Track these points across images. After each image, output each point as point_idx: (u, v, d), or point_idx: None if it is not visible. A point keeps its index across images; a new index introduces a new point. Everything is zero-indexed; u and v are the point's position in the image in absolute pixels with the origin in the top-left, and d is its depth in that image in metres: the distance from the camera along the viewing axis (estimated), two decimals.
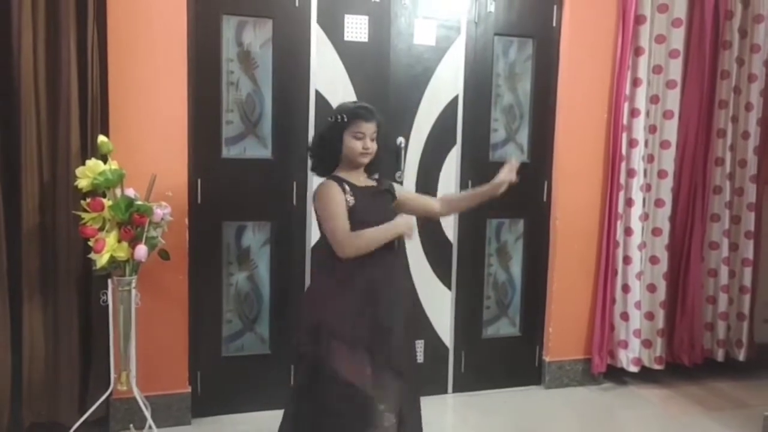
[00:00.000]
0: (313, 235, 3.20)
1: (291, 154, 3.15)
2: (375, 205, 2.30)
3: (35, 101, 2.65)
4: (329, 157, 2.34)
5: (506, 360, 3.60)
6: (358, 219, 2.23)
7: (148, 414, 2.72)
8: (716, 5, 3.55)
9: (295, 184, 3.16)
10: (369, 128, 2.28)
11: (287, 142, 3.14)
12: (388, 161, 3.22)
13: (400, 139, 3.24)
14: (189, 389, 3.05)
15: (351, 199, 2.25)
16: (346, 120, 2.28)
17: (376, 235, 2.22)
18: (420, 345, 3.36)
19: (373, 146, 2.29)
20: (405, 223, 2.26)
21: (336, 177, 2.31)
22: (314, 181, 3.15)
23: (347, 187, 2.27)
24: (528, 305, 3.63)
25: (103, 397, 2.72)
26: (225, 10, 3.01)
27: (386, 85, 3.23)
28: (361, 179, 2.34)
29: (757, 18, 3.65)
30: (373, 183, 2.38)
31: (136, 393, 2.69)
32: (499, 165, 2.49)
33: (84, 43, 2.69)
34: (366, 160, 2.31)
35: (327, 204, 2.24)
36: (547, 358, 3.62)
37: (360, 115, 2.28)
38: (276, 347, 3.23)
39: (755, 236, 3.79)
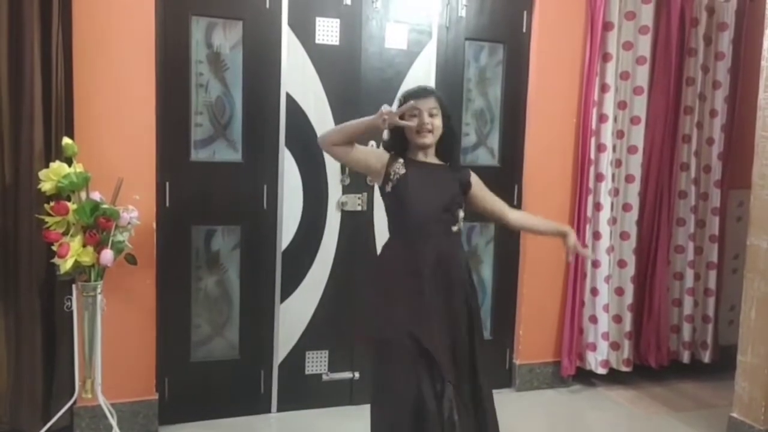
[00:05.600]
0: (284, 239, 3.17)
1: (261, 157, 3.12)
2: (428, 179, 2.27)
3: None
4: (396, 141, 2.32)
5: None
6: (404, 188, 2.23)
7: (113, 422, 2.67)
8: (682, 13, 3.62)
9: (265, 187, 3.13)
10: (423, 104, 2.23)
11: (258, 145, 3.11)
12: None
13: (372, 144, 3.23)
14: (156, 396, 2.99)
15: (401, 168, 2.25)
16: (402, 102, 2.24)
17: (349, 123, 2.26)
18: None
19: (433, 121, 2.24)
20: (378, 114, 2.15)
21: (399, 153, 2.31)
22: (285, 184, 3.15)
23: (401, 160, 2.28)
24: (499, 309, 3.65)
25: (67, 405, 2.66)
26: (194, 11, 2.97)
27: (358, 88, 3.22)
28: (427, 158, 2.31)
29: (722, 26, 3.74)
30: (441, 164, 2.34)
31: (102, 400, 2.64)
32: (470, 169, 2.49)
33: (48, 42, 2.63)
34: (426, 139, 2.26)
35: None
36: (517, 361, 3.64)
37: (411, 93, 2.26)
38: (245, 353, 3.19)
39: (719, 240, 3.87)
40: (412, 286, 2.23)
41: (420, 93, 2.27)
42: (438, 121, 2.26)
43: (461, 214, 2.35)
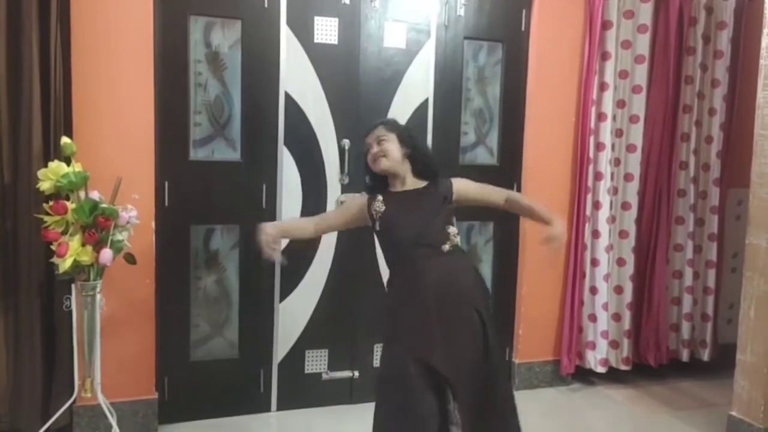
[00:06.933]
0: (282, 239, 3.17)
1: (260, 157, 3.12)
2: (408, 208, 2.30)
3: None
4: (375, 180, 2.41)
5: None
6: (387, 222, 2.30)
7: (113, 421, 2.67)
8: (681, 12, 3.62)
9: (264, 186, 3.13)
10: (371, 137, 2.35)
11: (256, 144, 3.11)
12: (358, 163, 3.23)
13: (345, 141, 3.23)
14: (156, 395, 3.00)
15: (381, 206, 2.31)
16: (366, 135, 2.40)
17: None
18: None
19: (383, 147, 2.30)
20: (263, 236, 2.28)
21: (378, 192, 2.38)
22: (284, 183, 3.16)
23: (380, 197, 2.33)
24: (498, 308, 3.63)
25: (67, 405, 2.66)
26: (192, 10, 2.97)
27: (356, 87, 3.22)
28: (405, 185, 2.35)
29: (720, 24, 3.74)
30: (420, 186, 2.36)
31: (101, 400, 2.64)
32: (469, 168, 2.49)
33: (47, 42, 2.63)
34: (380, 165, 2.32)
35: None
36: (516, 360, 3.64)
37: (365, 134, 2.39)
38: (245, 352, 3.19)
39: (718, 238, 3.87)
40: (417, 312, 2.22)
41: (368, 130, 2.39)
42: (388, 145, 2.31)
43: (452, 230, 2.30)
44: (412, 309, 2.23)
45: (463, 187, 2.39)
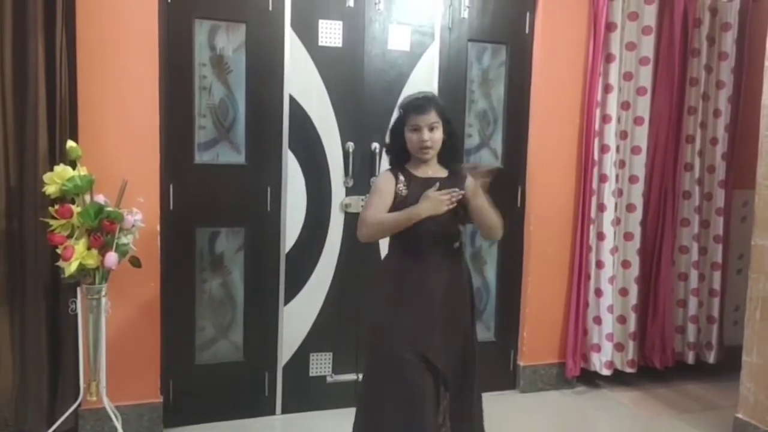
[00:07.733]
0: (288, 241, 3.18)
1: (265, 160, 3.12)
2: None
3: (1, 104, 2.60)
4: (397, 151, 2.31)
5: (481, 364, 3.59)
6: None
7: (118, 424, 2.67)
8: (685, 13, 3.62)
9: (269, 189, 3.14)
10: (424, 120, 2.20)
11: (261, 147, 3.11)
12: (363, 166, 3.24)
13: (375, 145, 3.24)
14: (161, 399, 3.00)
15: (404, 189, 2.22)
16: (402, 114, 2.25)
17: (391, 218, 2.16)
18: None
19: (433, 137, 2.21)
20: (427, 206, 2.10)
21: (399, 168, 2.29)
22: (289, 186, 3.16)
23: (402, 177, 2.24)
24: (503, 310, 3.65)
25: (72, 408, 2.67)
26: (197, 14, 2.98)
27: (360, 90, 3.22)
28: (429, 170, 2.27)
29: (725, 26, 3.73)
30: (443, 174, 2.28)
31: (106, 403, 2.64)
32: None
33: (52, 45, 2.63)
34: (427, 154, 2.23)
35: (371, 192, 2.29)
36: (521, 363, 3.64)
37: (412, 107, 2.23)
38: (250, 355, 3.19)
39: (724, 240, 3.86)
40: (416, 300, 2.23)
41: (420, 107, 2.22)
42: (438, 134, 2.23)
43: (461, 228, 2.31)
44: (420, 305, 2.23)
45: (474, 189, 2.30)
